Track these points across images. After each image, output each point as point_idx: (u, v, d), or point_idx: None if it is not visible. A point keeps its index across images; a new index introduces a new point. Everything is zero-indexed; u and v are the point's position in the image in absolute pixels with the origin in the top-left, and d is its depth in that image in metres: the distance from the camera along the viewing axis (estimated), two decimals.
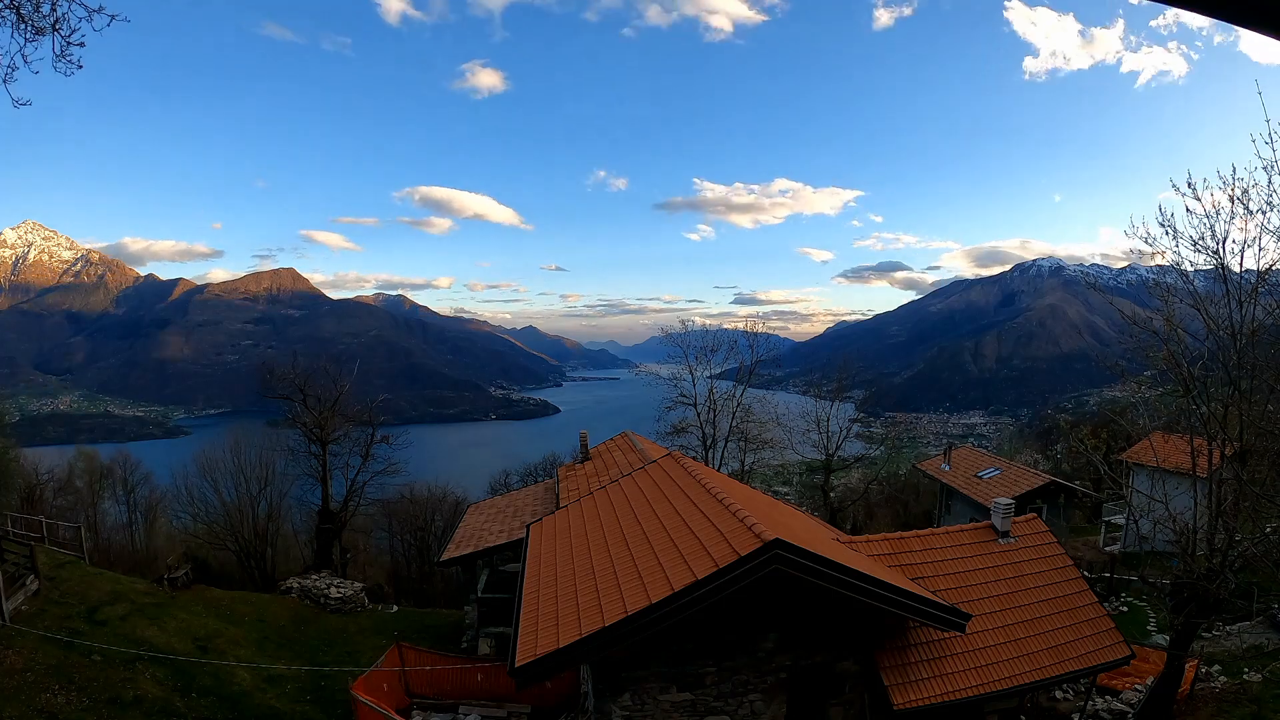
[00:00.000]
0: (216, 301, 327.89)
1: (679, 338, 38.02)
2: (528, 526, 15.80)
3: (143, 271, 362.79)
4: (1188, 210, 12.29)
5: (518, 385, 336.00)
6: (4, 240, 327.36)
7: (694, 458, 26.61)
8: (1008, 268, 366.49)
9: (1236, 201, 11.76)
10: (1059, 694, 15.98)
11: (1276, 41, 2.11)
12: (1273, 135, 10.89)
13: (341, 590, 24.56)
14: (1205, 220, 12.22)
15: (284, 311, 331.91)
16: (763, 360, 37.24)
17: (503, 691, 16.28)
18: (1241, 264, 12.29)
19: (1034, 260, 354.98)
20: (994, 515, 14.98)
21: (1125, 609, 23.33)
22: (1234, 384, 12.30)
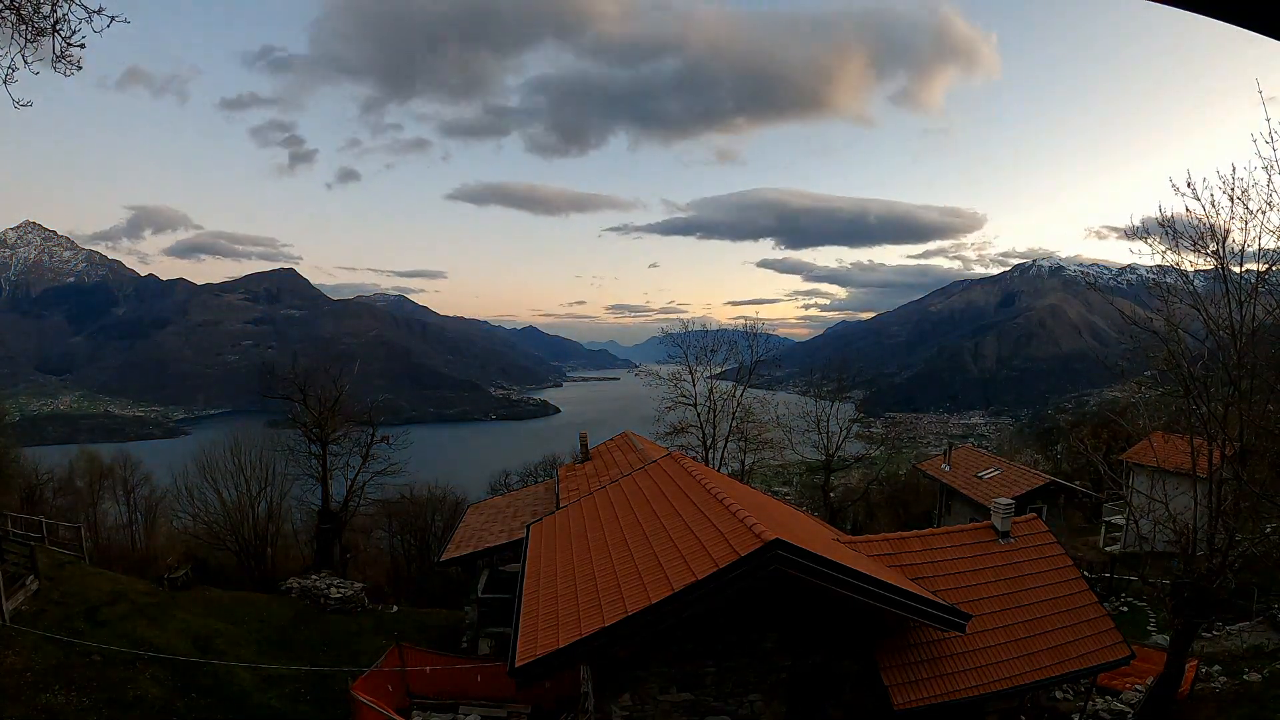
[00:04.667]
0: (216, 301, 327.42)
1: (679, 338, 38.04)
2: (528, 526, 15.80)
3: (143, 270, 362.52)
4: (1187, 210, 12.31)
5: (518, 385, 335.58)
6: (4, 240, 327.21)
7: (694, 458, 26.60)
8: (1008, 267, 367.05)
9: (1236, 201, 11.77)
10: (1059, 694, 15.97)
11: (1276, 41, 2.11)
12: (1273, 135, 10.90)
13: (341, 590, 24.53)
14: (1205, 220, 12.24)
15: (284, 311, 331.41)
16: (763, 360, 37.23)
17: (503, 691, 16.26)
18: (1241, 264, 12.30)
19: (1034, 260, 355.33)
20: (994, 515, 14.97)
21: (1125, 609, 23.33)
22: (1234, 384, 12.29)
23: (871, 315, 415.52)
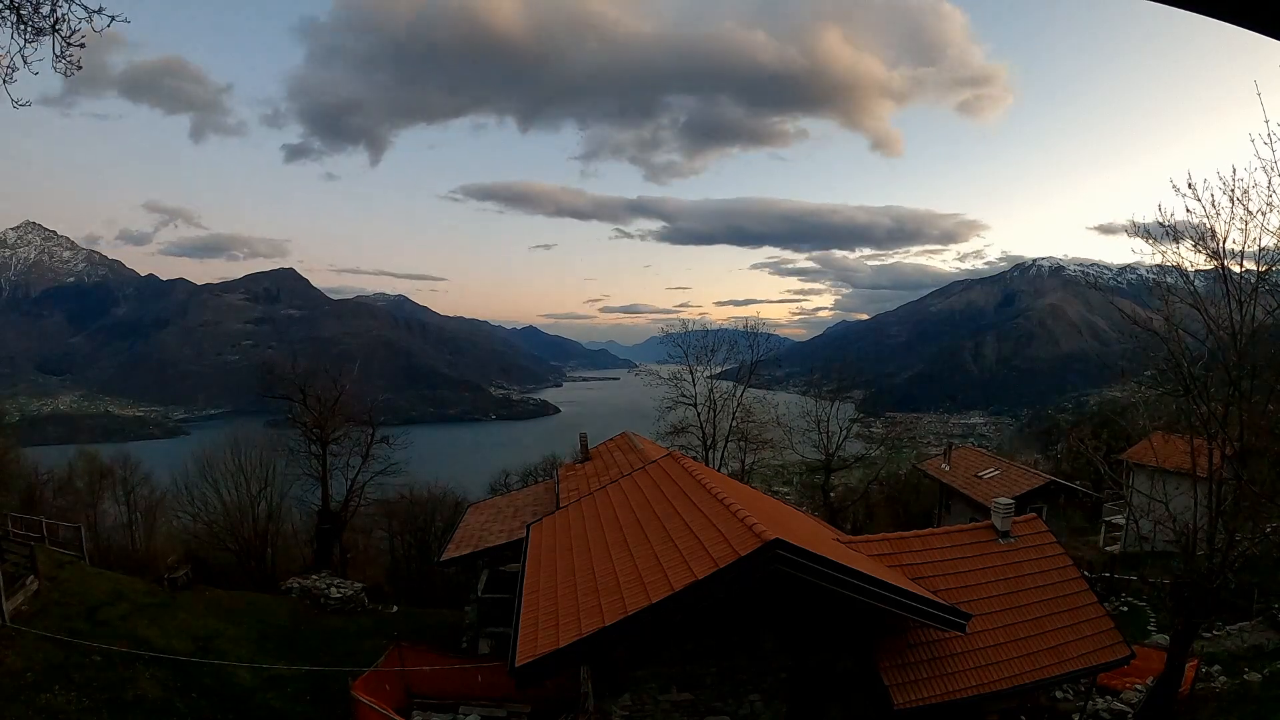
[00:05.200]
0: (217, 301, 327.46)
1: (679, 338, 38.09)
2: (528, 526, 15.80)
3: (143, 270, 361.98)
4: (1188, 210, 12.32)
5: (518, 385, 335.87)
6: (4, 240, 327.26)
7: (694, 458, 26.60)
8: (1008, 267, 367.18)
9: (1237, 202, 11.77)
10: (1059, 694, 15.97)
11: (1276, 41, 2.11)
12: (1272, 135, 10.90)
13: (341, 590, 24.55)
14: (1205, 220, 12.25)
15: (284, 311, 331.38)
16: (763, 360, 37.25)
17: (503, 691, 16.26)
18: (1241, 264, 12.30)
19: (1034, 260, 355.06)
20: (994, 515, 14.97)
21: (1125, 609, 23.32)
22: (1234, 384, 12.29)
23: (871, 316, 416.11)
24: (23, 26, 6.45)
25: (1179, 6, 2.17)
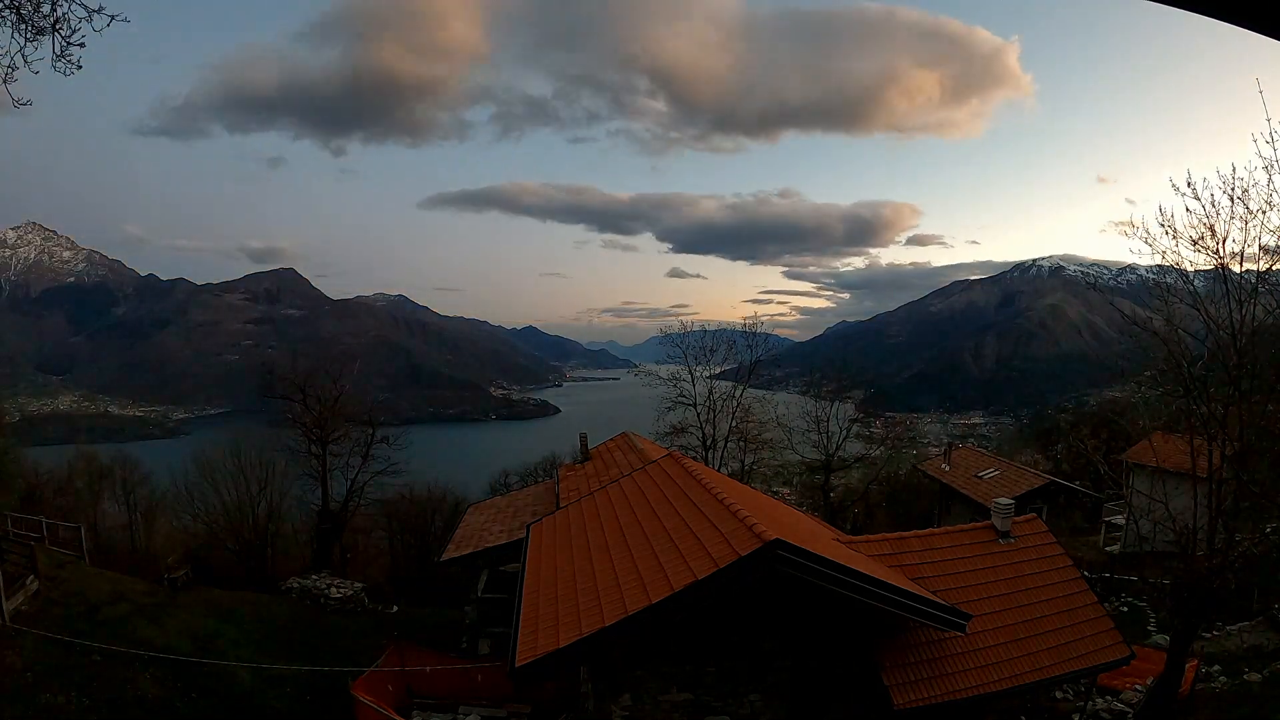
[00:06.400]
0: (217, 301, 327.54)
1: (678, 338, 38.01)
2: (528, 527, 15.79)
3: (143, 270, 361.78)
4: (1187, 210, 12.31)
5: (518, 385, 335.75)
6: (4, 240, 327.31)
7: (694, 458, 26.61)
8: (1008, 267, 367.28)
9: (1237, 201, 11.77)
10: (1059, 694, 15.98)
11: (1276, 41, 2.11)
12: (1273, 135, 10.90)
13: (341, 590, 24.56)
14: (1205, 220, 12.24)
15: (284, 311, 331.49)
16: (762, 360, 37.23)
17: (503, 691, 16.28)
18: (1241, 264, 12.29)
19: (1034, 260, 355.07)
20: (994, 515, 14.97)
21: (1125, 609, 23.32)
22: (1234, 384, 12.29)
23: (871, 316, 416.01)
24: (23, 26, 6.46)
25: (1179, 6, 2.18)
